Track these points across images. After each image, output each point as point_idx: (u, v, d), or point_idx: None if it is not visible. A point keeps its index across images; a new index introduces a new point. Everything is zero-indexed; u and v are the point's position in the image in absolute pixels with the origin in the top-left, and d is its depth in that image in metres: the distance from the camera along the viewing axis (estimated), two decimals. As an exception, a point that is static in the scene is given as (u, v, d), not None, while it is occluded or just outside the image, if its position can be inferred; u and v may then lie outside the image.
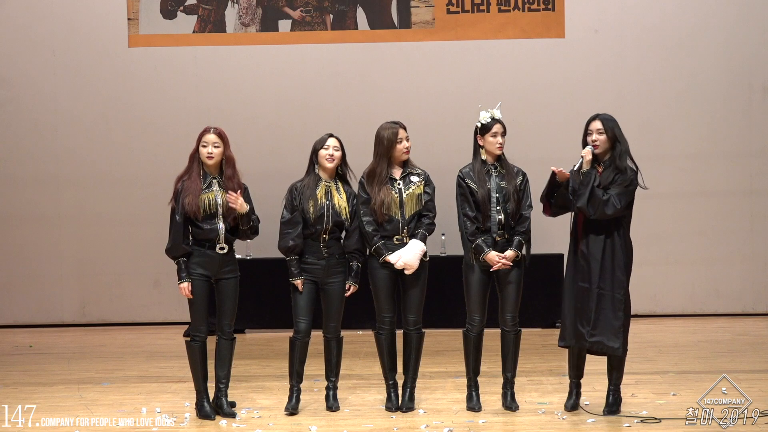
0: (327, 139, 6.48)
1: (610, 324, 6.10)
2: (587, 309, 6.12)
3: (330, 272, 6.44)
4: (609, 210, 6.04)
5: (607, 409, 6.27)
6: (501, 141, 6.36)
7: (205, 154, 6.33)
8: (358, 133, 9.69)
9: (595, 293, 6.10)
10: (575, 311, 6.17)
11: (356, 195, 6.48)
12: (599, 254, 6.11)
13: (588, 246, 6.14)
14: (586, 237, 6.15)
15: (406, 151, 6.44)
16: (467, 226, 6.34)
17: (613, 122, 6.20)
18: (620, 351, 6.14)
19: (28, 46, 10.54)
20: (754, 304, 10.53)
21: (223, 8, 10.50)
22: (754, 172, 10.50)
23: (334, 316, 6.52)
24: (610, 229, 6.13)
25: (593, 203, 6.03)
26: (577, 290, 6.17)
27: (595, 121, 6.21)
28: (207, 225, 6.32)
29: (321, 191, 6.39)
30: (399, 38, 10.47)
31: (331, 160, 6.41)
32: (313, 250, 6.42)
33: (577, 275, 6.17)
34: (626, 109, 10.38)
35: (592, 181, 6.07)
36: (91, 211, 10.61)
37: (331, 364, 6.55)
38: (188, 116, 10.28)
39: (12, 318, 10.61)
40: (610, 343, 6.10)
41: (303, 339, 6.44)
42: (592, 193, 6.04)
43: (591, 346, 6.15)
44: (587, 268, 6.13)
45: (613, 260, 6.12)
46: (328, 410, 6.46)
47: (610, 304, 6.10)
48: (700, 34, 10.45)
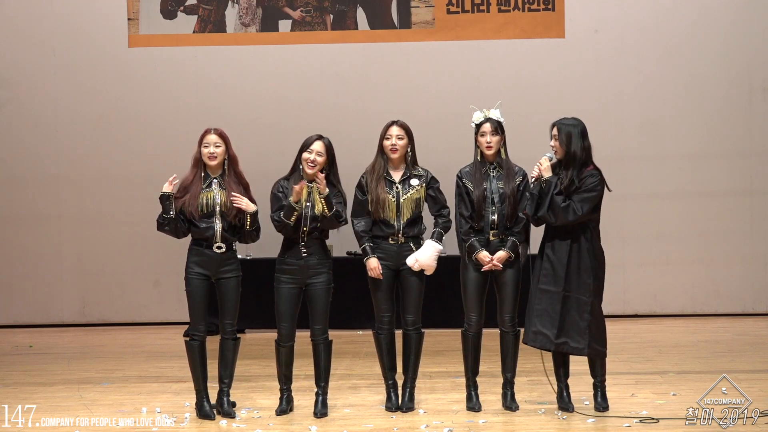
0: (313, 143, 6.33)
1: (576, 325, 6.17)
2: (553, 312, 6.17)
3: (310, 273, 6.34)
4: (570, 216, 6.12)
5: (599, 407, 6.30)
6: (489, 140, 6.36)
7: (206, 154, 6.33)
8: (358, 133, 9.72)
9: (561, 296, 6.17)
10: (537, 314, 6.20)
11: (341, 193, 6.37)
12: (565, 258, 6.19)
13: (554, 250, 6.22)
14: (552, 241, 6.25)
15: (391, 148, 6.40)
16: (462, 225, 6.37)
17: (570, 127, 6.24)
18: (585, 351, 6.19)
19: (28, 46, 10.54)
20: (754, 304, 10.53)
21: (223, 8, 10.50)
22: (754, 172, 10.50)
23: (318, 318, 6.38)
24: (576, 234, 6.21)
25: (553, 210, 6.13)
26: (542, 294, 6.20)
27: (554, 127, 6.31)
28: (203, 224, 6.31)
29: (303, 193, 6.33)
30: (399, 38, 10.47)
31: (311, 167, 6.29)
32: (292, 251, 6.35)
33: (543, 279, 6.21)
34: (626, 109, 10.40)
35: (552, 189, 6.14)
36: (91, 211, 10.62)
37: (320, 369, 6.43)
38: (188, 116, 10.29)
39: (12, 318, 10.62)
40: (573, 343, 6.17)
41: (286, 344, 6.36)
42: (551, 201, 6.13)
43: (556, 347, 6.19)
44: (553, 272, 6.19)
45: (579, 264, 6.19)
46: (315, 416, 6.34)
47: (575, 306, 6.18)
48: (700, 33, 10.45)
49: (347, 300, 9.49)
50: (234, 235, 6.39)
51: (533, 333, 6.22)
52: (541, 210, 6.17)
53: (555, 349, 6.22)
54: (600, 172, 6.24)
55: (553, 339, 6.18)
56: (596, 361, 6.32)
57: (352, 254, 9.98)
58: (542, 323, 6.19)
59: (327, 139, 6.38)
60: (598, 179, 6.20)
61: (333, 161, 6.39)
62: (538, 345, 6.24)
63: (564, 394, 6.40)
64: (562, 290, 6.16)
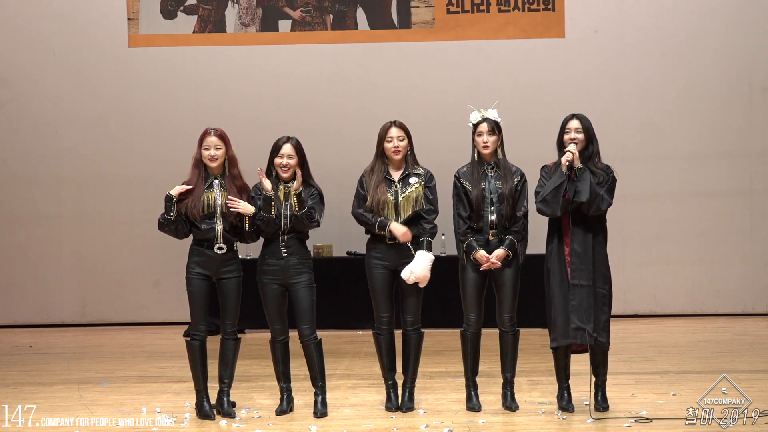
0: (282, 146, 6.33)
1: (599, 319, 6.19)
2: (587, 306, 6.16)
3: (291, 273, 6.32)
4: (604, 206, 6.16)
5: (599, 407, 6.30)
6: (486, 140, 6.35)
7: (207, 157, 6.32)
8: (358, 133, 9.72)
9: (592, 290, 6.18)
10: (573, 310, 6.18)
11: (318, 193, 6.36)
12: (590, 251, 6.20)
13: (580, 245, 6.19)
14: (576, 236, 6.21)
15: (394, 150, 6.40)
16: (460, 225, 6.37)
17: (588, 121, 6.29)
18: (607, 345, 6.25)
19: (28, 46, 10.54)
20: (754, 304, 10.53)
21: (223, 8, 10.50)
22: (754, 172, 10.50)
23: (305, 318, 6.36)
24: (595, 227, 6.22)
25: (593, 199, 6.11)
26: (572, 289, 6.18)
27: (573, 120, 6.28)
28: (204, 225, 6.31)
29: (281, 193, 6.32)
30: (399, 38, 10.47)
31: (285, 171, 6.31)
32: (272, 251, 6.34)
33: (572, 274, 6.19)
34: (626, 109, 10.40)
35: (590, 177, 6.11)
36: (91, 211, 10.62)
37: (314, 370, 6.42)
38: (188, 116, 10.29)
39: (12, 318, 10.62)
40: (600, 338, 6.19)
41: (280, 339, 6.39)
42: (593, 189, 6.10)
43: (594, 342, 6.18)
44: (581, 266, 6.17)
45: (601, 257, 6.23)
46: (315, 416, 6.33)
47: (599, 300, 6.20)
48: (699, 34, 10.45)
49: (347, 300, 9.50)
50: (235, 235, 6.39)
51: (573, 330, 6.16)
52: (582, 196, 6.07)
53: (593, 343, 6.20)
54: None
55: (591, 333, 6.16)
56: (601, 360, 6.31)
57: (352, 254, 9.97)
58: (579, 318, 6.18)
59: (295, 139, 6.38)
60: (612, 172, 6.26)
61: (304, 160, 6.38)
62: (579, 340, 6.19)
63: (564, 394, 6.40)
64: (592, 284, 6.17)
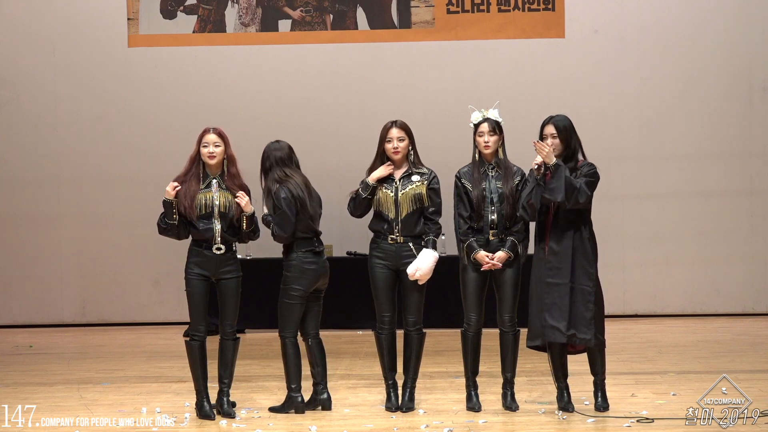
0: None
1: (582, 316, 6.17)
2: (562, 305, 6.16)
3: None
4: (582, 198, 6.10)
5: (599, 407, 6.30)
6: (487, 140, 6.35)
7: (206, 154, 6.32)
8: (358, 133, 9.71)
9: (568, 288, 6.16)
10: (546, 309, 6.19)
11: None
12: (570, 249, 6.18)
13: (558, 243, 6.19)
14: (555, 234, 6.22)
15: (393, 151, 6.40)
16: (460, 225, 6.36)
17: (565, 121, 6.25)
18: (592, 342, 6.19)
19: (28, 46, 10.54)
20: (754, 304, 10.53)
21: (223, 8, 10.50)
22: (754, 172, 10.50)
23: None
24: (577, 224, 6.21)
25: (569, 191, 6.07)
26: (548, 287, 6.19)
27: (548, 125, 6.28)
28: (202, 225, 6.31)
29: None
30: (399, 38, 10.47)
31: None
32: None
33: (548, 273, 6.20)
34: (626, 109, 10.40)
35: (564, 172, 6.09)
36: (91, 211, 10.62)
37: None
38: (188, 116, 10.28)
39: (12, 318, 10.62)
40: (581, 335, 6.17)
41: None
42: (568, 182, 6.08)
43: (568, 339, 6.18)
44: (558, 264, 6.18)
45: (583, 253, 6.20)
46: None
47: (580, 296, 6.17)
48: (699, 33, 10.45)
49: (347, 300, 9.50)
50: (234, 235, 6.38)
51: (544, 328, 6.18)
52: (557, 194, 6.06)
53: (566, 340, 6.19)
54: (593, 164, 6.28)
55: (564, 331, 6.16)
56: (597, 357, 6.31)
57: (352, 254, 9.98)
58: (552, 316, 6.18)
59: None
60: (594, 167, 6.23)
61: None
62: (551, 338, 6.20)
63: (564, 394, 6.40)
64: (568, 282, 6.16)
